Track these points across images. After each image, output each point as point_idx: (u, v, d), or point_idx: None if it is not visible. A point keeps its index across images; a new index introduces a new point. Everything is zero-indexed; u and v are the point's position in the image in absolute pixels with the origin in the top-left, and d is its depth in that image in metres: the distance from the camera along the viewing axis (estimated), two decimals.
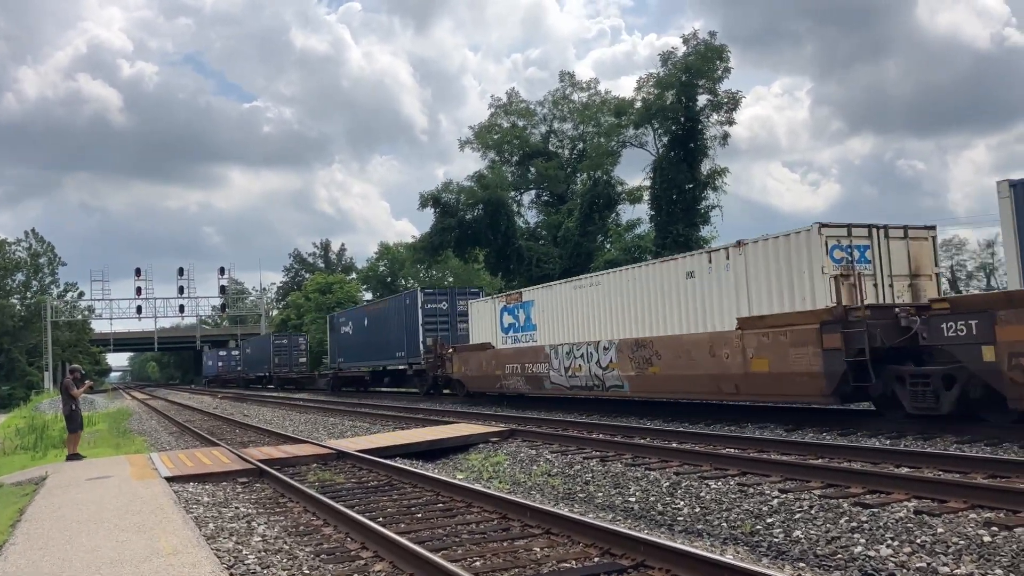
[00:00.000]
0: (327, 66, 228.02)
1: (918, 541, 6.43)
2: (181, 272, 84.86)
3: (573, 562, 6.35)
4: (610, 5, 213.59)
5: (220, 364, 78.59)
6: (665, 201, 43.50)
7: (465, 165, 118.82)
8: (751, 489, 8.60)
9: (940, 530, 6.55)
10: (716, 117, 44.49)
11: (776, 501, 8.05)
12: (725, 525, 7.82)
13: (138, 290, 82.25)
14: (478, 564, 6.46)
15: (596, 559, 6.37)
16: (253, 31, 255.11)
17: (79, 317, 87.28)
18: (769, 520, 7.62)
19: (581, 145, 55.81)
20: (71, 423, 14.96)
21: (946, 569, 5.87)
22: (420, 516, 8.48)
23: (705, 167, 44.53)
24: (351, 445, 13.95)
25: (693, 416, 16.30)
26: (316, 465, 12.61)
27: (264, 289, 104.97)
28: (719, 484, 9.03)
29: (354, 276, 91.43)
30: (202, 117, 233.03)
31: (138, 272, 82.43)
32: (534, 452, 12.72)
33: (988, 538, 6.23)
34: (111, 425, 27.09)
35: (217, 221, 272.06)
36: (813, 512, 7.55)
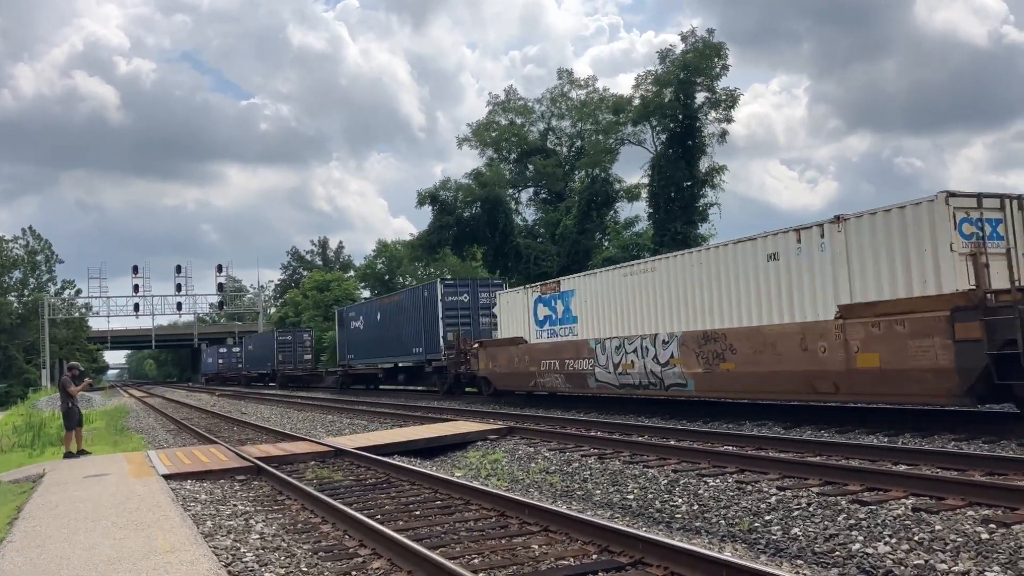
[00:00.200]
0: (324, 63, 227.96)
1: (916, 538, 6.43)
2: (179, 270, 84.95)
3: (571, 560, 6.35)
4: (608, 3, 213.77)
5: (220, 361, 76.60)
6: (663, 199, 43.51)
7: (463, 163, 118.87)
8: (749, 487, 8.60)
9: (938, 527, 6.55)
10: (714, 115, 44.51)
11: (774, 498, 8.05)
12: (723, 523, 7.82)
13: (136, 288, 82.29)
14: (476, 561, 6.45)
15: (594, 556, 6.37)
16: (250, 28, 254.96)
17: (76, 315, 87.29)
18: (767, 517, 7.62)
19: (579, 143, 55.78)
20: (68, 420, 14.93)
21: (944, 566, 5.87)
22: (418, 513, 8.47)
23: (703, 165, 44.55)
24: (349, 443, 13.95)
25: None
26: (314, 463, 12.60)
27: (262, 287, 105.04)
28: (717, 482, 9.03)
29: (352, 274, 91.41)
30: (199, 114, 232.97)
31: (136, 270, 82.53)
32: (532, 450, 12.72)
33: (986, 535, 6.24)
34: (109, 423, 27.07)
35: (215, 219, 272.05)
36: (811, 509, 7.55)
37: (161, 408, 34.78)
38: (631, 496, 9.23)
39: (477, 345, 25.53)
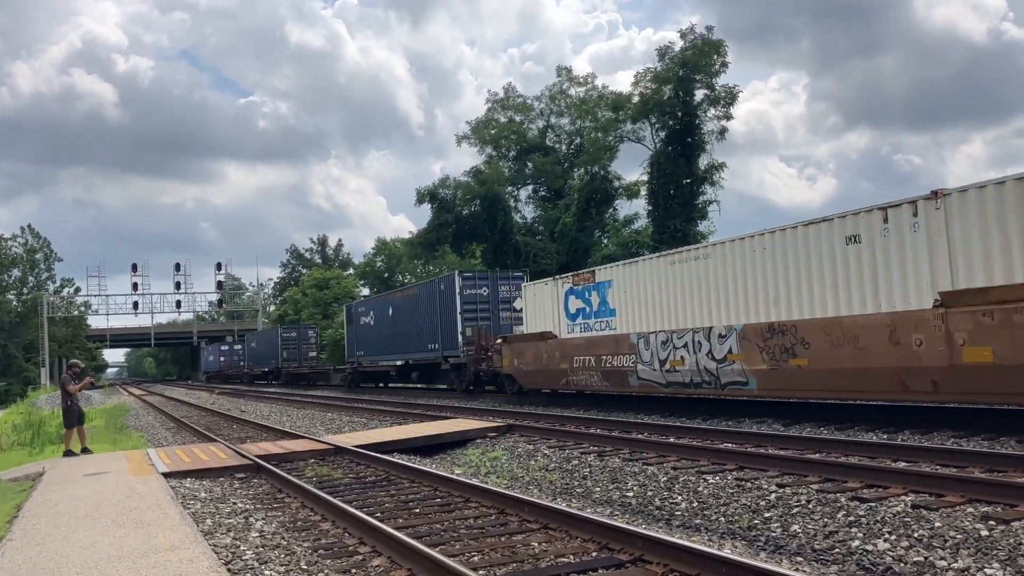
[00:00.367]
0: (323, 61, 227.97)
1: (915, 535, 6.44)
2: (178, 268, 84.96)
3: (571, 557, 6.35)
4: (606, 0, 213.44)
5: (222, 359, 75.15)
6: (662, 196, 43.53)
7: (462, 160, 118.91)
8: (749, 484, 8.61)
9: (937, 524, 6.56)
10: (713, 112, 44.55)
11: (774, 495, 8.06)
12: (723, 520, 7.82)
13: (135, 286, 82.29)
14: (476, 559, 6.46)
15: (594, 554, 6.37)
16: (248, 26, 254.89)
17: (75, 313, 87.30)
18: (767, 515, 7.63)
19: (578, 140, 55.78)
20: (67, 418, 14.93)
21: (943, 563, 5.88)
22: (418, 511, 8.47)
23: (702, 162, 44.58)
24: (349, 440, 13.95)
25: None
26: (314, 460, 12.61)
27: (261, 285, 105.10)
28: (717, 479, 9.04)
29: (351, 272, 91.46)
30: (197, 112, 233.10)
31: (135, 268, 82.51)
32: (532, 447, 12.73)
33: (985, 532, 6.24)
34: (108, 421, 27.09)
35: (213, 216, 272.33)
36: (811, 506, 7.56)
37: (160, 406, 34.79)
38: (631, 493, 9.24)
39: (500, 341, 23.99)
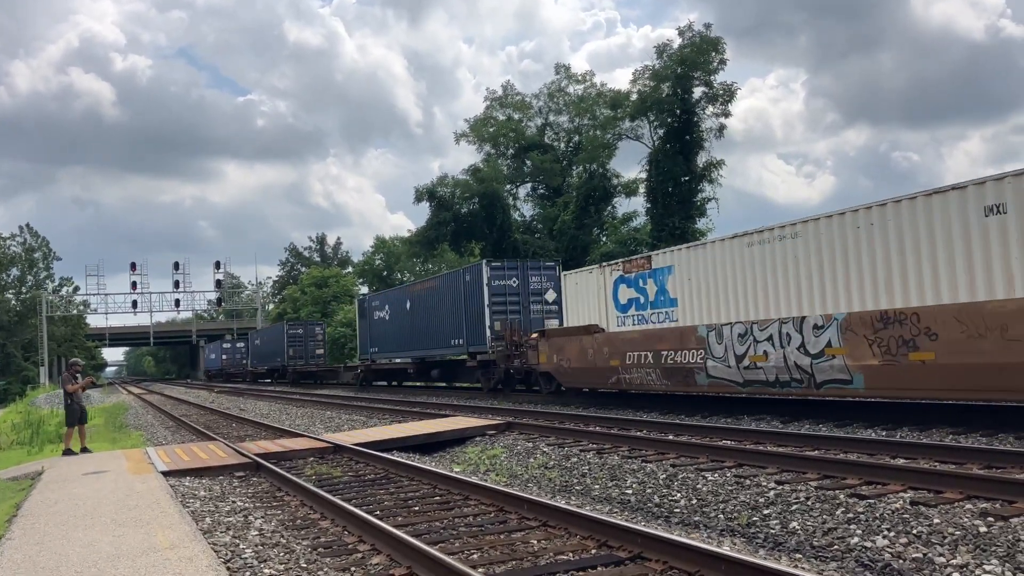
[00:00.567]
0: (321, 59, 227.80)
1: (914, 532, 6.45)
2: (177, 266, 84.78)
3: (570, 554, 6.35)
4: None
5: (224, 357, 73.08)
6: (661, 194, 43.56)
7: (460, 158, 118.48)
8: (748, 481, 8.61)
9: (936, 521, 6.56)
10: (712, 109, 44.63)
11: (773, 493, 8.06)
12: (722, 517, 7.83)
13: (133, 284, 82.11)
14: (475, 557, 6.46)
15: (593, 551, 6.37)
16: (246, 24, 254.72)
17: (74, 312, 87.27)
18: (766, 512, 7.63)
19: (577, 138, 55.83)
20: (67, 418, 14.95)
21: (942, 559, 5.89)
22: (417, 509, 8.48)
23: (701, 159, 44.64)
24: (348, 439, 13.95)
25: (690, 409, 16.32)
26: (313, 459, 12.61)
27: (260, 283, 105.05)
28: (716, 476, 9.04)
29: (350, 270, 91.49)
30: (195, 111, 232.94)
31: (133, 267, 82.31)
32: (531, 445, 12.73)
33: (984, 528, 6.25)
34: (107, 420, 27.10)
35: (212, 215, 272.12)
36: (809, 503, 7.56)
37: (160, 405, 34.78)
38: (630, 491, 9.24)
39: (536, 335, 21.86)
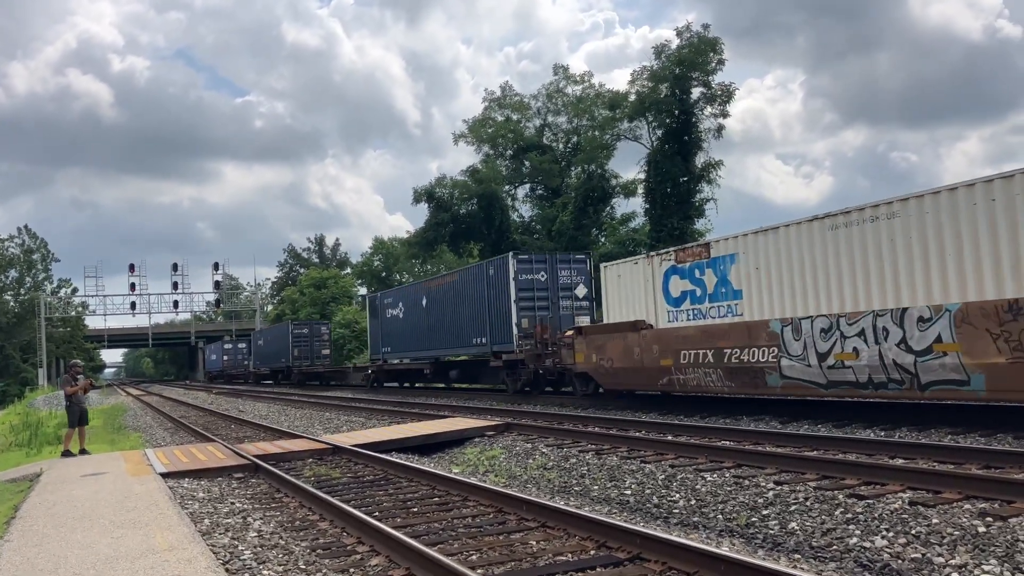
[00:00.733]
0: (319, 60, 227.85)
1: (913, 532, 6.45)
2: (175, 268, 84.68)
3: (569, 555, 6.35)
4: None
5: (225, 358, 71.92)
6: (659, 194, 43.58)
7: (458, 159, 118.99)
8: (746, 481, 8.61)
9: (935, 521, 6.56)
10: (710, 110, 44.63)
11: (772, 493, 8.06)
12: (721, 517, 7.83)
13: (132, 286, 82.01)
14: (474, 558, 6.46)
15: (592, 552, 6.37)
16: (244, 25, 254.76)
17: (73, 313, 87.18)
18: (765, 512, 7.63)
19: (575, 139, 55.85)
20: (69, 418, 14.96)
21: (941, 560, 5.89)
22: (416, 510, 8.47)
23: (699, 160, 44.65)
24: (347, 440, 13.95)
25: (688, 409, 16.32)
26: (311, 460, 12.60)
27: (259, 284, 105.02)
28: (715, 476, 9.04)
29: (349, 271, 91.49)
30: (194, 112, 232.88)
31: (132, 268, 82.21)
32: (530, 446, 12.73)
33: (983, 528, 6.25)
34: (106, 421, 27.08)
35: (210, 216, 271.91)
36: (808, 504, 7.56)
37: (158, 406, 34.75)
38: (629, 491, 9.24)
39: (573, 333, 20.23)
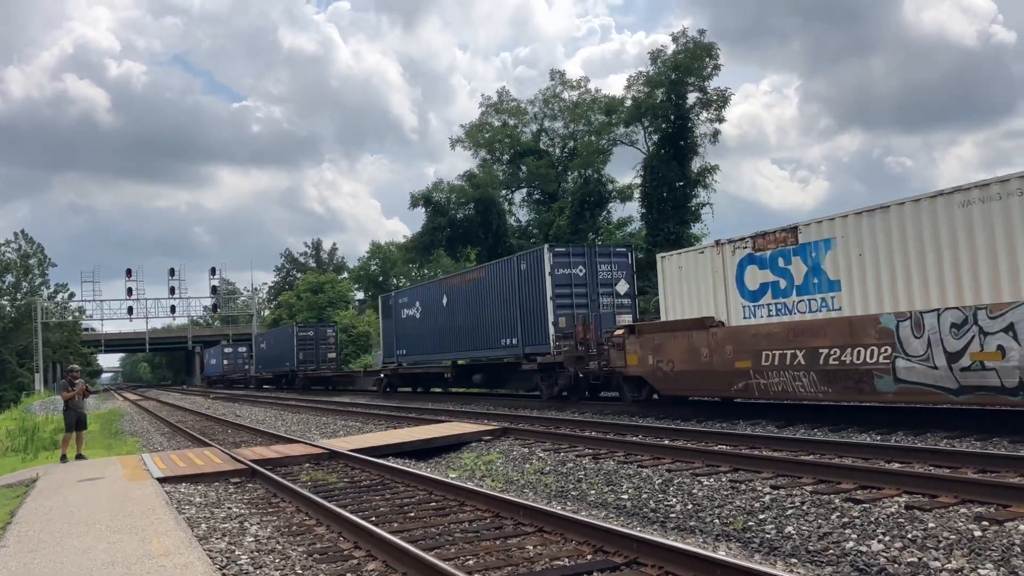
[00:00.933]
0: (316, 65, 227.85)
1: (909, 536, 6.46)
2: (172, 272, 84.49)
3: (566, 560, 6.35)
4: (599, 4, 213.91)
5: (225, 362, 70.95)
6: (656, 199, 43.69)
7: (455, 164, 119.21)
8: (743, 486, 8.62)
9: (931, 525, 6.58)
10: (706, 115, 44.75)
11: (768, 497, 8.07)
12: (717, 522, 7.84)
13: (129, 291, 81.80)
14: (471, 563, 6.46)
15: (589, 557, 6.38)
16: (241, 30, 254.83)
17: (70, 318, 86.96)
18: (761, 516, 7.64)
19: (572, 143, 55.93)
20: (65, 424, 14.96)
21: (937, 564, 5.90)
22: (413, 515, 8.47)
23: (695, 165, 44.77)
24: (343, 444, 13.94)
25: (685, 414, 16.32)
26: (308, 465, 12.59)
27: (256, 289, 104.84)
28: (711, 481, 9.05)
29: (346, 275, 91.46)
30: (190, 117, 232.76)
31: (129, 273, 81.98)
32: (527, 450, 12.73)
33: (979, 532, 6.26)
34: (103, 426, 27.02)
35: (207, 221, 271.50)
36: (805, 508, 7.57)
37: (155, 411, 34.70)
38: (625, 496, 9.25)
39: (623, 332, 18.20)
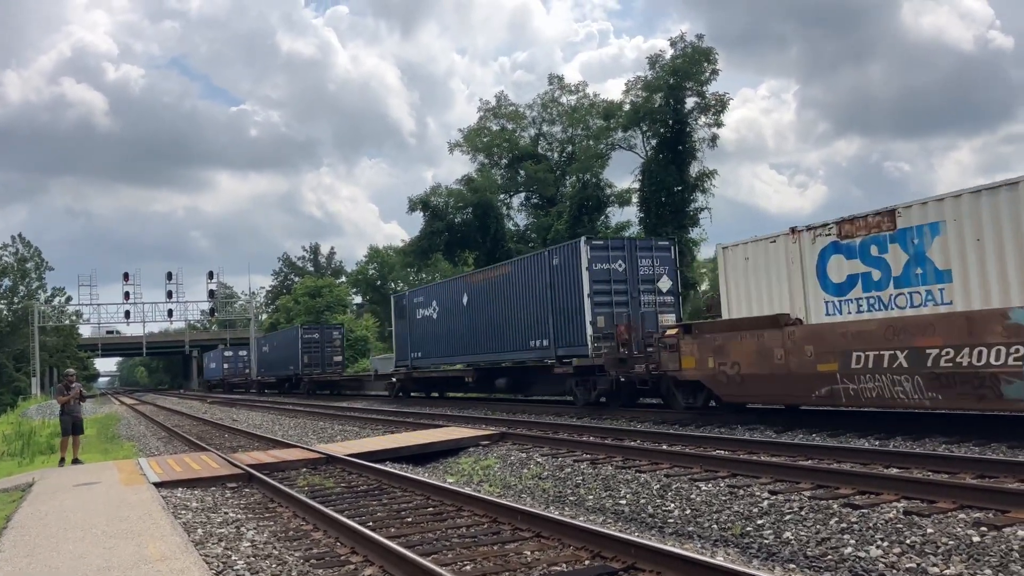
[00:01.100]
0: (314, 69, 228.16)
1: (908, 542, 6.45)
2: (169, 276, 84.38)
3: (564, 565, 6.34)
4: (596, 8, 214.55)
5: (225, 366, 69.98)
6: (654, 203, 43.73)
7: (453, 168, 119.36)
8: (741, 491, 8.61)
9: (929, 530, 6.57)
10: (704, 119, 44.79)
11: (766, 503, 8.06)
12: (715, 527, 7.82)
13: (126, 295, 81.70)
14: (469, 568, 6.44)
15: (587, 562, 6.36)
16: (239, 34, 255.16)
17: (67, 322, 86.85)
18: (759, 522, 7.62)
19: (570, 148, 55.97)
20: (61, 428, 14.94)
21: (935, 569, 5.89)
22: (410, 520, 8.45)
23: (694, 169, 44.82)
24: (341, 449, 13.91)
25: (682, 419, 16.30)
26: (305, 469, 12.55)
27: (253, 293, 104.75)
28: (709, 486, 9.04)
29: (343, 280, 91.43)
30: (188, 121, 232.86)
31: (126, 277, 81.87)
32: (524, 455, 12.70)
33: (977, 538, 6.25)
34: (100, 430, 26.96)
35: (205, 225, 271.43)
36: (803, 513, 7.56)
37: (152, 415, 34.63)
38: (623, 501, 9.23)
39: (677, 332, 16.21)
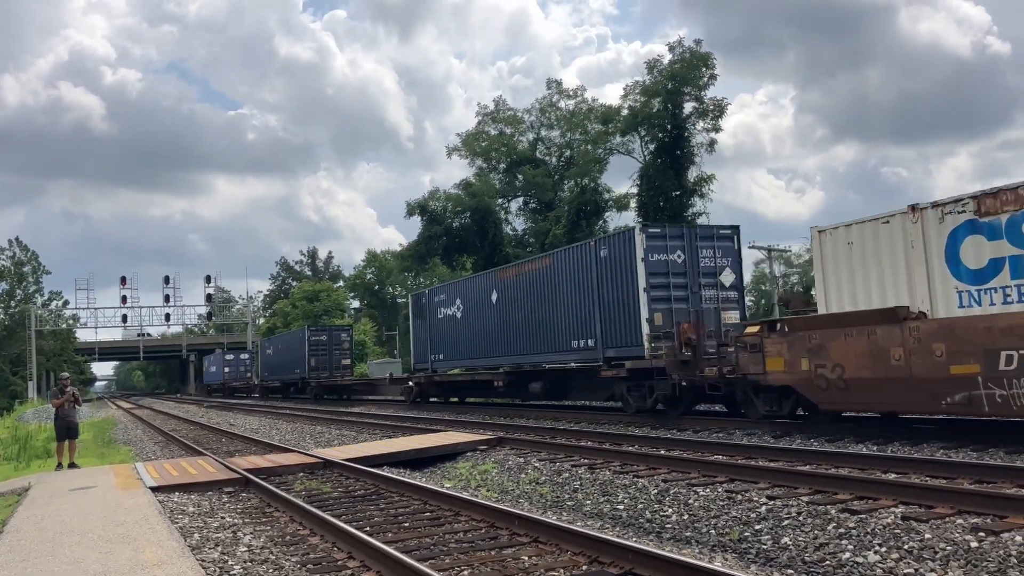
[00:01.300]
0: (312, 73, 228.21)
1: (905, 547, 6.44)
2: (167, 280, 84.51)
3: (561, 570, 6.32)
4: (594, 13, 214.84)
5: (226, 370, 68.09)
6: (652, 208, 43.75)
7: (451, 172, 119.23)
8: (739, 496, 8.60)
9: (927, 536, 6.56)
10: (702, 124, 44.89)
11: (764, 508, 8.05)
12: (713, 532, 7.81)
13: (123, 299, 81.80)
14: (466, 573, 6.43)
15: (584, 567, 6.35)
16: (237, 38, 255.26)
17: (64, 326, 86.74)
18: (757, 527, 7.62)
19: (568, 152, 56.02)
20: (56, 432, 14.91)
21: (933, 575, 5.88)
22: (407, 525, 8.43)
23: (691, 174, 44.89)
24: (338, 454, 13.89)
25: (681, 424, 16.29)
26: (302, 474, 12.53)
27: (251, 297, 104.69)
28: (707, 491, 9.03)
29: (341, 284, 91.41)
30: (186, 124, 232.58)
31: (123, 281, 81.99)
32: (522, 460, 12.69)
33: (975, 544, 6.25)
34: (96, 435, 26.90)
35: (202, 229, 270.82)
36: (801, 518, 7.55)
37: (149, 420, 34.56)
38: (621, 506, 9.22)
39: (759, 329, 14.48)
